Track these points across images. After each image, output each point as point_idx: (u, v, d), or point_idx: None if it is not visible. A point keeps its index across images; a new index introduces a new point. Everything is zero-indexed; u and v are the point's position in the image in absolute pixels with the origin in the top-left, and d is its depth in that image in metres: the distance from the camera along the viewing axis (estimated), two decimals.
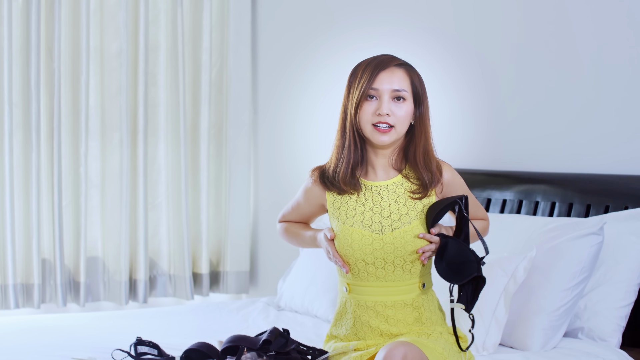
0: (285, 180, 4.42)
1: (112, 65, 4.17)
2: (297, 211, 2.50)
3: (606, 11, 3.10)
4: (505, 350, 2.73)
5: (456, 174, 2.38)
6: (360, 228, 2.30)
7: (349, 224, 2.31)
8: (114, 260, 4.19)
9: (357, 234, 2.29)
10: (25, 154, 3.98)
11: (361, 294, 2.31)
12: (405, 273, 2.29)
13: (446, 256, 2.23)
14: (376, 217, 2.30)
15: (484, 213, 2.48)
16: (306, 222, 2.52)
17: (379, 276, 2.29)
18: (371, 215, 2.30)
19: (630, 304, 2.76)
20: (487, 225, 2.49)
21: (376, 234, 2.29)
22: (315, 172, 2.41)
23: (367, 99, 2.28)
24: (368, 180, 2.34)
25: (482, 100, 3.52)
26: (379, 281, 2.29)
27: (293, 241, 2.52)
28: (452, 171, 2.37)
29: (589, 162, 3.15)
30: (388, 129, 2.26)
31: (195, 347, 2.39)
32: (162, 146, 4.32)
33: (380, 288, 2.30)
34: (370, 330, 2.30)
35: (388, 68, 2.29)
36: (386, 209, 2.31)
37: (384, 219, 2.29)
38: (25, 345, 2.78)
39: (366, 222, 2.30)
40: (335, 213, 2.35)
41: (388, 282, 2.29)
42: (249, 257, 4.52)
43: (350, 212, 2.32)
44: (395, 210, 2.30)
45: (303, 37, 4.34)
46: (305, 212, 2.47)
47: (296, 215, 2.51)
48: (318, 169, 2.41)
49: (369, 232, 2.29)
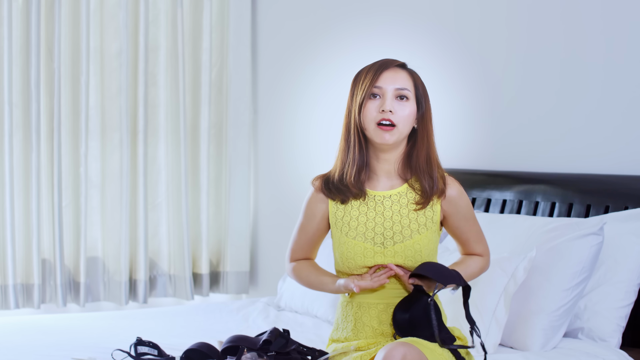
0: (285, 180, 4.42)
1: (112, 66, 4.17)
2: (303, 235, 2.43)
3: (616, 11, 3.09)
4: (505, 350, 2.73)
5: (464, 195, 2.34)
6: (363, 241, 2.29)
7: (351, 237, 2.30)
8: (114, 261, 4.19)
9: (359, 247, 2.29)
10: (25, 154, 3.98)
11: (363, 296, 2.31)
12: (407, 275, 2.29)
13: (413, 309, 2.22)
14: (378, 229, 2.29)
15: (484, 248, 2.42)
16: (315, 244, 2.45)
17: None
18: (373, 227, 2.29)
19: (630, 304, 2.76)
20: (484, 265, 2.41)
21: (378, 247, 2.28)
22: (316, 181, 2.38)
23: (370, 98, 2.28)
24: (371, 190, 2.33)
25: (482, 100, 3.52)
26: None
27: (306, 286, 2.44)
28: (459, 190, 2.33)
29: (589, 162, 3.14)
30: (391, 127, 2.26)
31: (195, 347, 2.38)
32: (162, 146, 4.32)
33: (382, 290, 2.30)
34: (372, 331, 2.30)
35: (391, 68, 2.30)
36: (389, 220, 2.29)
37: (386, 231, 2.29)
38: (25, 345, 2.78)
39: (368, 233, 2.29)
40: (338, 223, 2.33)
41: (390, 285, 2.29)
42: (249, 257, 4.53)
43: (353, 223, 2.31)
44: (398, 221, 2.29)
45: (303, 37, 4.34)
46: (311, 231, 2.41)
47: (304, 240, 2.43)
48: (320, 178, 2.38)
49: (371, 245, 2.29)
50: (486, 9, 3.50)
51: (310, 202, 2.39)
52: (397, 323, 2.24)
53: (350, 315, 2.33)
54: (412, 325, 2.22)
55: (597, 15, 3.13)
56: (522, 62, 3.37)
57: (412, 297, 2.25)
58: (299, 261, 2.46)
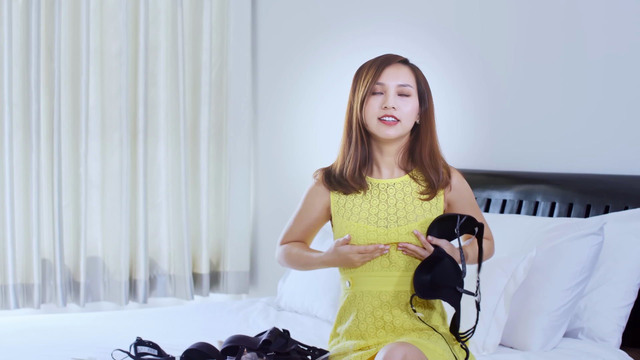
0: (285, 180, 4.42)
1: (112, 66, 4.17)
2: (299, 222, 2.44)
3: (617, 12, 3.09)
4: (505, 350, 2.73)
5: (464, 182, 2.38)
6: (366, 223, 2.30)
7: (354, 220, 2.31)
8: (114, 261, 4.19)
9: (362, 229, 2.30)
10: (25, 154, 3.98)
11: (365, 284, 2.30)
12: (410, 262, 2.29)
13: (436, 271, 2.21)
14: (382, 214, 2.30)
15: (488, 232, 2.45)
16: (310, 233, 2.46)
17: (384, 266, 2.29)
18: (377, 212, 2.31)
19: (630, 304, 2.76)
20: (492, 246, 2.44)
21: (381, 229, 2.29)
22: (318, 173, 2.40)
23: (373, 95, 2.29)
24: (374, 179, 2.35)
25: (482, 101, 3.52)
26: (384, 270, 2.29)
27: (296, 264, 2.45)
28: (460, 177, 2.37)
29: (589, 162, 3.14)
30: (394, 122, 2.27)
31: (195, 347, 2.39)
32: (162, 146, 4.32)
33: (384, 278, 2.29)
34: (374, 322, 2.29)
35: (393, 64, 2.31)
36: (392, 206, 2.31)
37: (390, 216, 2.30)
38: (25, 345, 2.78)
39: (372, 218, 2.30)
40: (340, 211, 2.34)
41: (392, 272, 2.29)
42: (249, 257, 4.53)
43: (356, 209, 2.32)
44: (402, 208, 2.30)
45: (303, 37, 4.34)
46: (309, 219, 2.42)
47: (299, 227, 2.45)
48: (322, 170, 2.41)
49: (374, 227, 2.29)
50: (487, 10, 3.50)
51: (310, 192, 2.41)
52: (418, 284, 2.22)
53: (353, 306, 2.33)
54: (433, 287, 2.21)
55: (598, 16, 3.13)
56: (523, 63, 3.37)
57: (433, 258, 2.24)
58: (290, 242, 2.47)
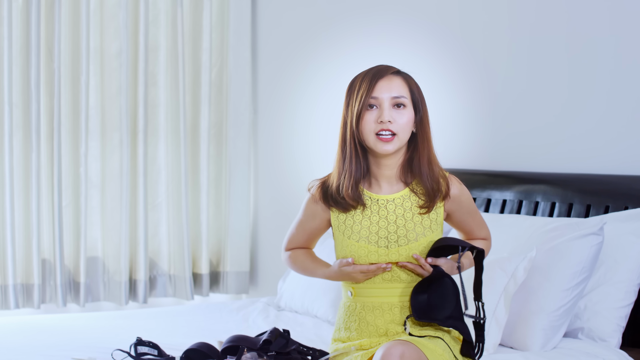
0: (285, 180, 4.42)
1: (112, 66, 4.17)
2: (302, 230, 2.44)
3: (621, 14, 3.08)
4: (505, 350, 2.73)
5: (464, 190, 2.36)
6: (367, 243, 2.29)
7: (354, 239, 2.30)
8: (114, 261, 4.19)
9: (363, 249, 2.29)
10: (25, 154, 3.98)
11: (367, 295, 2.30)
12: (411, 275, 2.29)
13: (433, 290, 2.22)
14: (382, 232, 2.29)
15: (486, 232, 2.44)
16: (313, 240, 2.46)
17: (385, 278, 2.29)
18: (377, 230, 2.29)
19: (630, 304, 2.76)
20: (489, 245, 2.44)
21: (382, 249, 2.28)
22: (316, 190, 2.37)
23: (367, 109, 2.27)
24: (373, 194, 2.33)
25: (482, 100, 3.52)
26: (385, 282, 2.29)
27: (301, 272, 2.46)
28: (460, 186, 2.35)
29: (589, 162, 3.14)
30: (391, 138, 2.26)
31: (195, 347, 2.39)
32: (162, 146, 4.32)
33: (386, 289, 2.29)
34: (376, 330, 2.29)
35: (386, 76, 2.29)
36: (392, 224, 2.29)
37: (390, 235, 2.28)
38: (26, 345, 2.78)
39: (372, 237, 2.29)
40: (341, 227, 2.33)
41: (394, 284, 2.29)
42: (249, 257, 4.52)
43: (356, 227, 2.31)
44: (402, 225, 2.29)
45: (303, 37, 4.34)
46: (311, 228, 2.42)
47: (302, 235, 2.44)
48: (318, 187, 2.37)
49: (375, 247, 2.28)
50: (490, 11, 3.50)
51: (310, 206, 2.39)
52: (415, 305, 2.22)
53: (355, 315, 2.32)
54: (430, 306, 2.21)
55: (603, 17, 3.12)
56: (525, 64, 3.37)
57: (431, 278, 2.23)
58: (296, 249, 2.47)
